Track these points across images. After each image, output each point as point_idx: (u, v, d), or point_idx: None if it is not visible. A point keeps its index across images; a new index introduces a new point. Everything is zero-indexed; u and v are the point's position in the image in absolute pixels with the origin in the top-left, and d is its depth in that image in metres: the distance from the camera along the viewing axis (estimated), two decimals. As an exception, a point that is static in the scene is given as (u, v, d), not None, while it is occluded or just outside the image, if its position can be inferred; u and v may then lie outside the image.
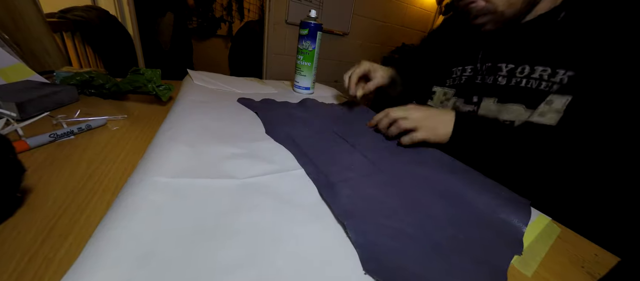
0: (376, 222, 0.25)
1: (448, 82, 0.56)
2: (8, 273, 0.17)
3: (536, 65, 0.42)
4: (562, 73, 0.39)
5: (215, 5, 2.70)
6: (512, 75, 0.44)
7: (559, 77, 0.39)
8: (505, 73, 0.45)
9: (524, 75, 0.43)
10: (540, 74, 0.41)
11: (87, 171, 0.28)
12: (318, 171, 0.32)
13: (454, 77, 0.55)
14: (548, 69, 0.41)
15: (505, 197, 0.34)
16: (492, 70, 0.47)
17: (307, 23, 0.65)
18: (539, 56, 0.42)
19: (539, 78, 0.41)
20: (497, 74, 0.46)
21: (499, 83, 0.46)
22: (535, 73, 0.42)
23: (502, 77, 0.46)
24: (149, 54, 1.62)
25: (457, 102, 0.53)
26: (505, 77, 0.45)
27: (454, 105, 0.54)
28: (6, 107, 0.36)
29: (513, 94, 0.44)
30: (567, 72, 0.39)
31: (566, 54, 0.40)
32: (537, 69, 0.42)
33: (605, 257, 0.29)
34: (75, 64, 1.14)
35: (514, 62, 0.45)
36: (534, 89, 0.42)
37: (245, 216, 0.23)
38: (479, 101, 0.49)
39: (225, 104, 0.52)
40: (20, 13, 0.60)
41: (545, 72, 0.41)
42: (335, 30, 1.96)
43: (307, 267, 0.20)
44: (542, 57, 0.42)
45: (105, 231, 0.19)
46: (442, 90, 0.58)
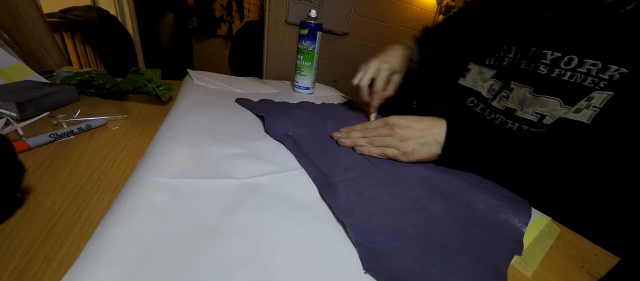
0: (376, 222, 0.25)
1: (487, 60, 0.51)
2: (8, 273, 0.17)
3: (586, 58, 0.37)
4: (614, 70, 0.35)
5: (215, 5, 2.71)
6: (555, 65, 0.40)
7: (609, 73, 0.35)
8: (548, 62, 0.41)
9: (569, 68, 0.39)
10: (588, 68, 0.37)
11: (87, 171, 0.28)
12: (318, 171, 0.32)
13: (496, 56, 0.49)
14: (599, 63, 0.36)
15: (505, 197, 0.34)
16: (535, 56, 0.42)
17: (307, 23, 0.65)
18: (591, 48, 0.37)
19: (586, 72, 0.37)
20: (539, 61, 0.42)
21: (539, 72, 0.41)
22: (583, 67, 0.37)
23: (544, 65, 0.41)
24: (149, 54, 1.62)
25: (495, 85, 0.49)
26: (548, 66, 0.41)
27: (490, 87, 0.50)
28: (6, 107, 0.36)
29: (552, 86, 0.40)
30: (621, 68, 0.35)
31: (623, 48, 0.35)
32: (587, 62, 0.37)
33: (605, 257, 0.29)
34: (75, 63, 1.14)
35: (560, 50, 0.40)
36: (576, 84, 0.38)
37: (245, 217, 0.23)
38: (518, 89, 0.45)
39: (225, 104, 0.52)
40: (20, 13, 0.60)
41: (595, 67, 0.36)
42: (335, 30, 1.96)
43: (307, 267, 0.20)
44: (594, 49, 0.37)
45: (105, 231, 0.19)
46: (479, 69, 0.52)
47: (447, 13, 2.41)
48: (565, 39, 0.40)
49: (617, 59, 0.35)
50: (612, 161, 0.35)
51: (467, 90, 0.54)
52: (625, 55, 0.35)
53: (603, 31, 0.37)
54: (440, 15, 2.40)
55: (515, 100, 0.44)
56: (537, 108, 0.42)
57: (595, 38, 0.37)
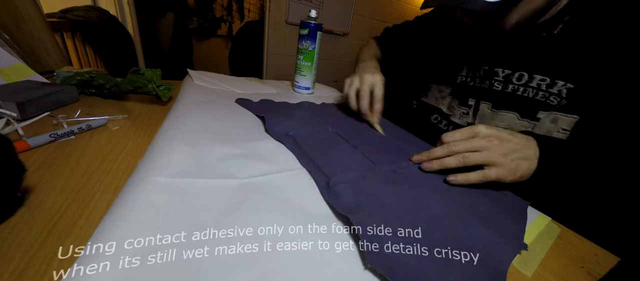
0: (378, 220, 0.25)
1: (442, 79, 0.55)
2: (8, 273, 0.17)
3: (535, 74, 0.41)
4: (561, 85, 0.38)
5: (215, 5, 2.71)
6: (508, 82, 0.43)
7: (557, 88, 0.39)
8: (501, 79, 0.44)
9: (521, 83, 0.42)
10: (538, 83, 0.40)
11: (88, 171, 0.28)
12: (319, 172, 0.32)
13: (450, 74, 0.53)
14: (547, 78, 0.40)
15: (505, 198, 0.34)
16: (489, 75, 0.46)
17: (307, 23, 0.65)
18: (538, 65, 0.41)
19: (536, 87, 0.40)
20: (493, 79, 0.45)
21: (494, 89, 0.45)
22: (533, 82, 0.41)
23: (498, 82, 0.44)
24: (149, 54, 1.63)
25: (452, 102, 0.52)
26: (501, 83, 0.44)
27: (449, 104, 0.53)
28: (6, 107, 0.36)
29: (508, 101, 0.43)
30: (567, 84, 0.38)
31: (566, 65, 0.38)
32: (536, 77, 0.40)
33: (605, 257, 0.29)
34: (76, 63, 1.14)
35: (510, 67, 0.43)
36: (529, 98, 0.41)
37: (245, 216, 0.23)
38: (476, 105, 0.48)
39: (225, 104, 0.52)
40: (20, 13, 0.60)
41: (544, 82, 0.40)
42: (335, 30, 1.96)
43: (307, 266, 0.20)
44: (541, 66, 0.40)
45: (106, 231, 0.19)
46: (438, 87, 0.56)
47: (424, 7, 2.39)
48: (513, 58, 0.43)
49: (563, 74, 0.38)
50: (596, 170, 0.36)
51: (430, 107, 0.57)
52: (568, 72, 0.38)
53: (545, 50, 0.40)
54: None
55: (476, 117, 0.47)
56: (497, 122, 0.44)
57: (540, 56, 0.41)
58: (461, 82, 0.51)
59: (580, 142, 0.38)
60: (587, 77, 0.37)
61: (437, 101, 0.56)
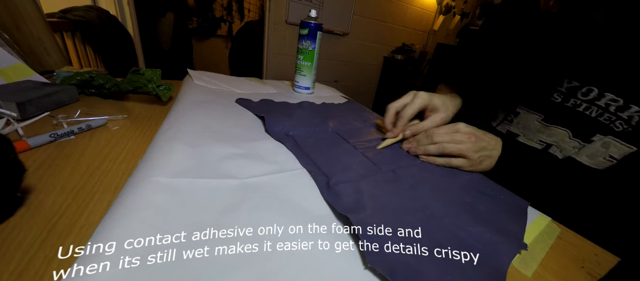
0: (377, 220, 0.25)
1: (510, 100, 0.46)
2: (8, 273, 0.17)
3: (607, 92, 0.34)
4: (635, 111, 0.33)
5: (215, 5, 2.70)
6: (572, 95, 0.37)
7: (629, 113, 0.33)
8: (563, 90, 0.38)
9: (586, 99, 0.36)
10: (607, 103, 0.34)
11: (87, 171, 0.28)
12: (319, 172, 0.32)
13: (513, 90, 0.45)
14: (620, 100, 0.33)
15: (505, 198, 0.34)
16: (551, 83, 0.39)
17: (307, 23, 0.65)
18: (614, 81, 0.34)
19: (604, 107, 0.34)
20: (555, 88, 0.39)
21: (553, 100, 0.39)
22: (601, 101, 0.35)
23: (559, 93, 0.38)
24: (149, 54, 1.63)
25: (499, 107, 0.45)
26: (563, 94, 0.38)
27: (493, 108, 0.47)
28: (6, 107, 0.36)
29: (564, 116, 0.38)
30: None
31: None
32: (607, 95, 0.34)
33: (605, 257, 0.29)
34: (76, 63, 1.14)
35: (579, 79, 0.37)
36: (591, 118, 0.35)
37: (245, 216, 0.23)
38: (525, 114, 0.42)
39: (225, 104, 0.52)
40: (20, 13, 0.60)
41: (615, 103, 0.34)
42: (335, 30, 1.96)
43: (307, 266, 0.20)
44: (617, 83, 0.34)
45: (106, 231, 0.19)
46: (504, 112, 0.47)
47: (447, 13, 2.41)
48: (586, 68, 0.36)
49: None
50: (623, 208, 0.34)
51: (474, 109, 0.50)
52: None
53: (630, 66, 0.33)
54: (440, 15, 2.40)
55: (519, 126, 0.42)
56: (543, 137, 0.39)
57: (620, 72, 0.34)
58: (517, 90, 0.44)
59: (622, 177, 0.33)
60: None
61: None
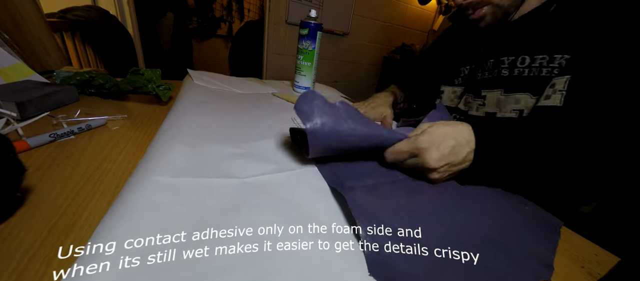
0: (389, 224, 0.24)
1: (456, 81, 0.59)
2: (8, 273, 0.17)
3: (535, 55, 0.45)
4: (560, 58, 0.42)
5: (215, 5, 2.70)
6: (514, 66, 0.47)
7: (557, 61, 0.42)
8: (507, 66, 0.48)
9: (525, 65, 0.46)
10: (539, 62, 0.44)
11: (87, 171, 0.28)
12: (334, 174, 0.32)
13: (461, 75, 0.58)
14: (546, 56, 0.43)
15: (533, 214, 0.32)
16: (495, 65, 0.50)
17: (307, 23, 0.65)
18: (536, 46, 0.45)
19: (539, 66, 0.44)
20: (500, 67, 0.49)
21: (502, 75, 0.48)
22: (535, 62, 0.44)
23: (505, 69, 0.48)
24: (149, 54, 1.62)
25: (467, 97, 0.56)
26: (508, 69, 0.48)
27: (465, 101, 0.56)
28: (6, 107, 0.36)
29: (517, 84, 0.46)
30: (564, 55, 0.42)
31: (561, 40, 0.43)
32: (536, 57, 0.44)
33: (605, 257, 0.29)
34: (75, 63, 1.14)
35: (514, 54, 0.47)
36: (536, 76, 0.44)
37: (245, 216, 0.23)
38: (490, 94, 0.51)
39: (225, 104, 0.52)
40: (20, 13, 0.60)
41: (544, 60, 0.43)
42: (335, 30, 1.96)
43: (307, 267, 0.20)
44: (539, 46, 0.45)
45: (106, 231, 0.19)
46: (451, 89, 0.60)
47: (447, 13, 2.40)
48: (514, 45, 0.48)
49: (559, 48, 0.42)
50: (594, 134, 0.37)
51: (448, 109, 0.60)
52: (563, 45, 0.42)
53: (541, 31, 0.45)
54: (440, 15, 2.39)
55: (491, 105, 0.50)
56: (513, 105, 0.47)
57: (537, 38, 0.45)
58: (471, 78, 0.55)
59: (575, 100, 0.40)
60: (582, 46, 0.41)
61: (453, 101, 0.60)
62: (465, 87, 0.57)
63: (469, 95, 0.55)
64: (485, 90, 0.51)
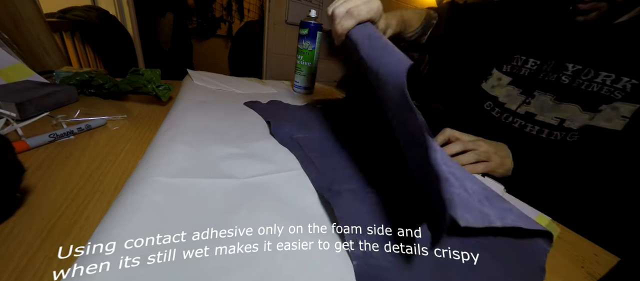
0: (378, 231, 0.24)
1: (505, 67, 0.54)
2: (8, 273, 0.17)
3: (600, 70, 0.42)
4: (626, 81, 0.40)
5: (215, 5, 2.70)
6: (577, 76, 0.44)
7: (622, 84, 0.40)
8: (570, 73, 0.45)
9: (587, 78, 0.43)
10: (603, 79, 0.41)
11: (87, 171, 0.28)
12: (321, 178, 0.31)
13: (513, 64, 0.52)
14: (612, 75, 0.41)
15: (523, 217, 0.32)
16: (556, 68, 0.46)
17: (307, 23, 0.65)
18: (605, 61, 0.42)
19: (601, 83, 0.41)
20: (561, 72, 0.46)
21: (562, 82, 0.45)
22: (598, 78, 0.42)
23: (567, 76, 0.45)
24: (149, 54, 1.62)
25: (513, 91, 0.52)
26: (570, 77, 0.45)
27: (508, 93, 0.52)
28: (6, 107, 0.36)
29: (572, 94, 0.44)
30: (632, 80, 0.39)
31: (633, 61, 0.40)
32: (601, 73, 0.42)
33: (605, 257, 0.29)
34: (75, 63, 1.14)
35: (581, 63, 0.44)
36: (594, 92, 0.42)
37: (245, 216, 0.23)
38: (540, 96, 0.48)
39: (225, 104, 0.52)
40: (19, 13, 0.60)
41: (609, 78, 0.41)
42: (335, 30, 1.95)
43: (307, 267, 0.20)
44: (607, 62, 0.42)
45: (105, 231, 0.19)
46: (498, 75, 0.54)
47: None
48: (583, 52, 0.44)
49: (628, 71, 0.40)
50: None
51: (484, 94, 0.56)
52: (635, 69, 0.40)
53: (614, 45, 0.42)
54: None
55: (536, 106, 0.48)
56: (557, 113, 0.45)
57: (608, 53, 0.42)
58: (528, 74, 0.51)
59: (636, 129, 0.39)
60: None
61: (494, 89, 0.55)
62: (514, 79, 0.52)
63: (516, 89, 0.51)
64: (539, 92, 0.48)
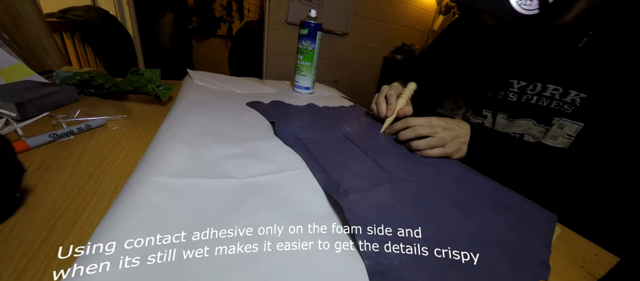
0: (387, 231, 0.24)
1: (457, 91, 0.56)
2: (8, 273, 0.17)
3: (548, 83, 0.41)
4: (575, 95, 0.39)
5: (215, 5, 2.70)
6: (523, 93, 0.44)
7: (571, 97, 0.40)
8: (516, 90, 0.45)
9: (534, 93, 0.43)
10: (551, 93, 0.41)
11: (87, 171, 0.28)
12: (328, 178, 0.31)
13: (463, 87, 0.54)
14: (560, 88, 0.40)
15: (528, 212, 0.32)
16: (503, 86, 0.46)
17: (307, 23, 0.65)
18: (552, 74, 0.41)
19: (549, 96, 0.41)
20: (508, 90, 0.46)
21: (509, 99, 0.46)
22: (547, 92, 0.41)
23: (513, 93, 0.45)
24: (149, 54, 1.62)
25: (467, 113, 0.53)
26: (516, 94, 0.45)
27: (463, 115, 0.54)
28: (6, 107, 0.36)
29: (523, 110, 0.44)
30: (580, 93, 0.39)
31: (582, 75, 0.39)
32: (549, 87, 0.41)
33: (605, 257, 0.29)
34: (75, 63, 1.14)
35: (526, 79, 0.44)
36: (544, 107, 0.42)
37: (245, 216, 0.23)
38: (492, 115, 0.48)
39: (225, 104, 0.52)
40: (19, 13, 0.60)
41: (557, 92, 0.40)
42: (335, 30, 1.96)
43: (307, 267, 0.20)
44: (554, 75, 0.41)
45: (105, 231, 0.19)
46: (453, 99, 0.57)
47: (446, 13, 2.40)
48: (528, 67, 0.44)
49: (576, 85, 0.39)
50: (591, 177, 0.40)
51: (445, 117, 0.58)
52: (582, 82, 0.39)
53: (560, 59, 0.41)
54: (440, 15, 2.39)
55: (492, 124, 0.48)
56: (513, 129, 0.46)
57: (555, 66, 0.42)
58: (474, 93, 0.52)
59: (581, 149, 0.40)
60: (602, 89, 0.38)
61: (453, 112, 0.56)
62: (467, 101, 0.53)
63: (469, 110, 0.52)
64: (488, 111, 0.48)
